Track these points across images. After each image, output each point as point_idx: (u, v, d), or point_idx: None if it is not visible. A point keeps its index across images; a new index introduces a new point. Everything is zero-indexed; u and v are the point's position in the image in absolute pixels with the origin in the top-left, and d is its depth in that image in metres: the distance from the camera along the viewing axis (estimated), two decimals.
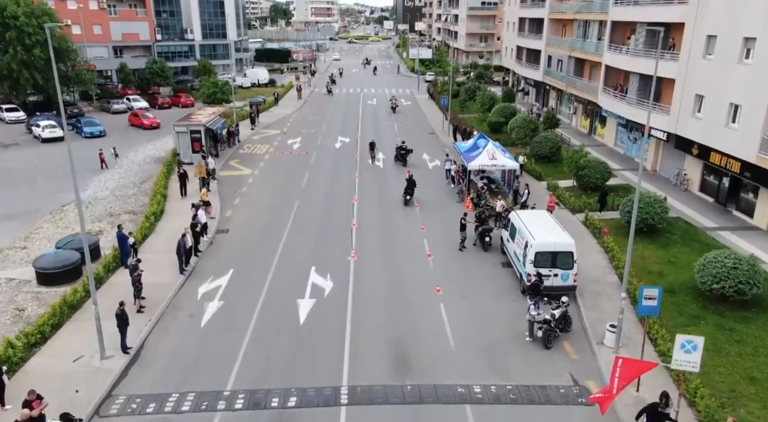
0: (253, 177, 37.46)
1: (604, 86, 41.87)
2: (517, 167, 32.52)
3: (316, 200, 33.02)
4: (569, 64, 50.36)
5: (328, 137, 49.44)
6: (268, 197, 33.38)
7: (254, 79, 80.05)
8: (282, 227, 28.63)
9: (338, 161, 41.61)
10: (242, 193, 34.21)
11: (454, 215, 29.17)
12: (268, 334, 19.31)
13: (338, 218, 29.85)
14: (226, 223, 29.39)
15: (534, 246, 21.07)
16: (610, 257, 24.71)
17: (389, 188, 35.46)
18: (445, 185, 36.03)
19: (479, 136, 35.88)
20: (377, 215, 30.56)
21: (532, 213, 24.79)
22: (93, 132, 48.42)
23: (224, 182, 36.15)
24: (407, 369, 17.48)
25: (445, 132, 50.53)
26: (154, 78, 67.14)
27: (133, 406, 15.71)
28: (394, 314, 20.65)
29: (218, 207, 31.25)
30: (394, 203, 32.57)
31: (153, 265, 23.82)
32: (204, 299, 21.58)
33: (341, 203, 32.34)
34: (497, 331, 19.57)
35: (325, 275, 23.44)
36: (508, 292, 22.40)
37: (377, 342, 18.90)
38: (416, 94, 75.35)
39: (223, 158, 41.68)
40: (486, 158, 32.09)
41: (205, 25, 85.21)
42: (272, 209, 31.32)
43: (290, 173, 38.40)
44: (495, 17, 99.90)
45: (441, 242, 26.85)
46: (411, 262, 24.88)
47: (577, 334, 19.50)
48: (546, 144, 39.00)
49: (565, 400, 16.16)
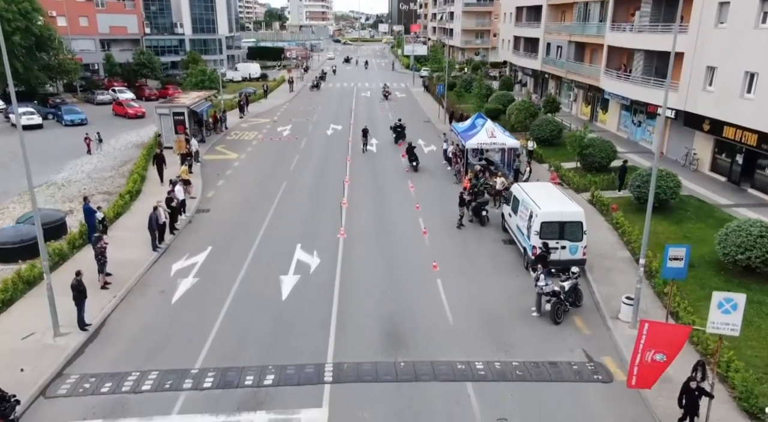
0: (240, 161, 35.54)
1: (606, 68, 40.18)
2: (517, 146, 30.69)
3: (305, 181, 31.12)
4: (569, 49, 48.74)
5: (320, 125, 47.60)
6: (254, 179, 31.46)
7: (245, 73, 78.25)
8: (267, 206, 26.70)
9: (330, 147, 39.76)
10: (227, 175, 32.28)
11: (452, 195, 27.41)
12: (246, 310, 17.33)
13: (327, 198, 27.94)
14: (207, 203, 27.43)
15: (539, 216, 19.19)
16: (619, 233, 22.85)
17: (382, 169, 33.63)
18: (442, 166, 34.21)
19: (477, 116, 34.10)
20: (369, 195, 28.70)
21: (536, 184, 22.97)
22: (74, 120, 46.46)
23: (208, 166, 34.21)
24: (400, 345, 15.54)
25: (441, 120, 48.79)
26: (142, 70, 65.11)
27: (85, 386, 13.70)
28: (386, 289, 18.73)
29: (200, 188, 29.30)
30: (387, 183, 30.74)
31: (124, 242, 21.94)
32: (178, 276, 19.59)
33: (331, 183, 30.44)
34: (500, 306, 17.65)
35: (311, 251, 21.50)
36: (511, 268, 20.50)
37: (367, 317, 16.96)
38: (411, 87, 73.67)
39: (208, 144, 39.77)
40: (485, 136, 30.26)
41: (195, 19, 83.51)
42: (258, 190, 29.40)
43: (279, 157, 36.52)
44: (491, 13, 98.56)
45: (438, 221, 24.99)
46: (405, 239, 22.98)
47: (589, 309, 17.60)
48: (547, 127, 37.22)
49: (579, 377, 14.22)
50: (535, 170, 31.13)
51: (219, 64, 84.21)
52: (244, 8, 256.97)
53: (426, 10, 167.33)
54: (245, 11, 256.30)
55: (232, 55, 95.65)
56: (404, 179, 31.44)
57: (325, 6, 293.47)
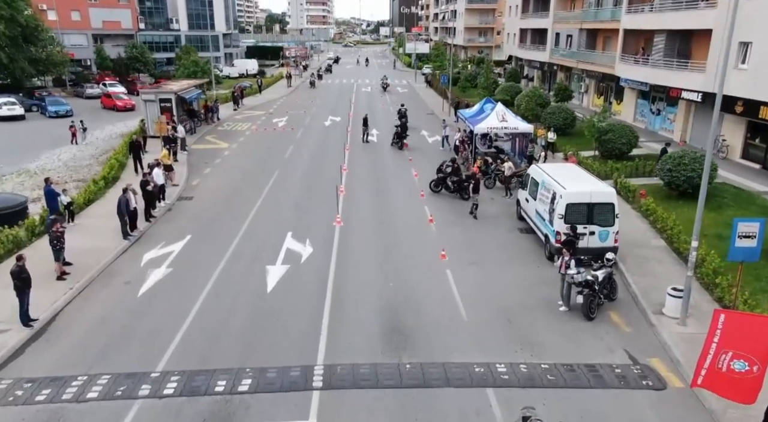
0: (230, 150, 33.05)
1: (622, 54, 37.72)
2: (530, 130, 28.16)
3: (300, 169, 28.63)
4: (580, 38, 46.33)
5: (318, 117, 45.16)
6: (244, 167, 28.95)
7: (242, 69, 75.91)
8: (256, 194, 24.18)
9: (327, 137, 37.27)
10: (215, 164, 29.78)
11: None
12: (224, 304, 14.78)
13: (323, 186, 25.41)
14: (190, 191, 24.94)
15: (565, 196, 16.67)
16: (650, 220, 20.31)
17: (384, 158, 31.17)
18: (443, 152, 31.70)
19: (485, 100, 31.53)
20: (369, 183, 26.19)
21: (558, 165, 20.49)
22: (58, 111, 44.06)
23: (196, 154, 31.74)
24: (406, 343, 12.98)
25: (445, 113, 46.30)
26: (134, 64, 62.66)
27: (17, 393, 11.13)
28: (388, 280, 16.17)
29: (184, 175, 26.80)
30: (389, 171, 28.26)
31: (94, 229, 19.52)
32: (149, 266, 17.04)
33: (328, 172, 27.92)
34: (521, 300, 15.09)
35: (303, 240, 18.96)
36: (531, 258, 17.95)
37: (366, 311, 14.41)
38: (413, 84, 71.31)
39: (198, 134, 37.30)
40: (495, 120, 27.78)
41: (191, 15, 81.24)
42: (247, 178, 26.89)
43: (272, 146, 34.04)
44: (494, 11, 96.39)
45: (445, 209, 22.49)
46: (409, 227, 20.45)
47: (625, 303, 15.04)
48: (560, 115, 34.70)
49: (624, 383, 11.64)
50: (550, 159, 28.60)
51: (216, 61, 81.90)
52: (244, 13, 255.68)
53: (427, 11, 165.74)
54: (246, 16, 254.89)
55: (230, 53, 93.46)
56: (407, 168, 28.95)
57: (326, 10, 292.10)
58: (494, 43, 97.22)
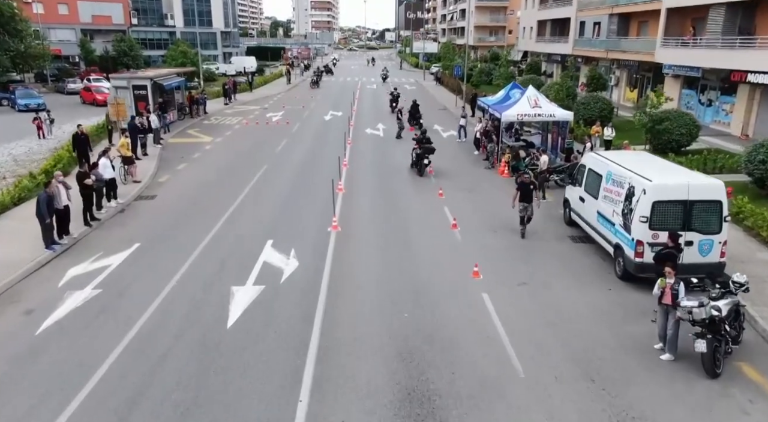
0: (213, 144, 28.38)
1: (664, 38, 32.94)
2: (569, 118, 23.33)
3: (292, 164, 23.93)
4: (610, 24, 41.58)
5: (318, 111, 40.52)
6: (226, 163, 24.27)
7: (240, 66, 71.38)
8: (235, 194, 19.46)
9: (327, 131, 32.57)
10: (192, 158, 25.11)
11: (484, 182, 20.55)
12: (158, 347, 9.97)
13: (318, 184, 20.65)
14: (155, 188, 20.24)
15: (650, 191, 11.86)
16: (745, 226, 15.45)
17: (393, 152, 26.47)
18: (463, 148, 27.04)
19: (512, 85, 26.85)
20: (375, 180, 21.50)
21: (626, 153, 15.72)
22: (28, 105, 39.55)
23: (172, 148, 27.12)
24: (433, 416, 8.12)
25: (458, 108, 41.53)
26: (122, 59, 58.20)
27: None
28: (403, 310, 11.34)
29: (151, 171, 22.14)
30: (399, 168, 23.54)
31: (12, 235, 14.84)
32: (69, 288, 12.27)
33: (325, 167, 23.18)
34: (598, 342, 10.22)
35: (286, 251, 14.18)
36: (595, 276, 13.09)
37: (372, 360, 9.58)
38: (422, 81, 66.70)
39: (179, 127, 32.72)
40: (526, 106, 23.01)
41: (188, 11, 77.17)
42: (228, 175, 22.20)
43: (263, 141, 29.35)
44: (506, 9, 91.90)
45: (471, 212, 17.75)
46: (427, 234, 15.67)
47: (756, 348, 10.17)
48: (595, 106, 29.83)
49: None
50: None
51: (212, 60, 77.70)
52: (249, 19, 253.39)
53: (434, 14, 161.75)
54: (250, 21, 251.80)
55: (230, 52, 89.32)
56: None
57: (331, 16, 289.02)
58: (506, 42, 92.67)
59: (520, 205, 15.44)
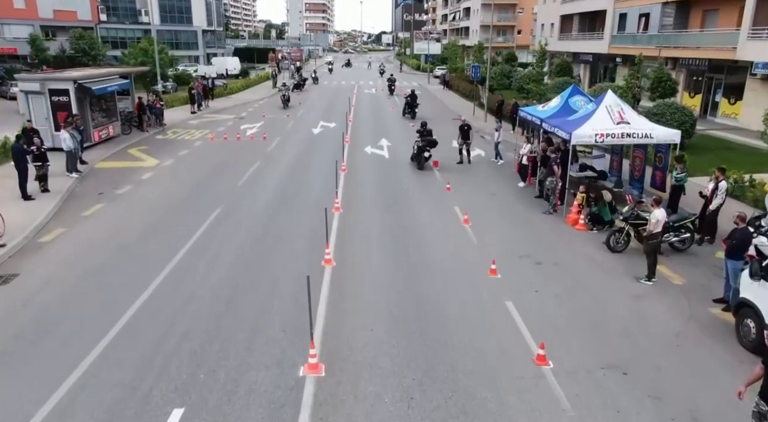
0: (157, 170, 20.62)
1: (752, 28, 25.41)
2: (676, 140, 15.58)
3: (255, 210, 16.13)
4: (663, 16, 34.11)
5: (305, 122, 32.82)
6: (162, 202, 16.51)
7: (221, 69, 63.47)
8: (158, 264, 11.74)
9: (314, 150, 24.86)
10: (116, 195, 17.33)
11: (556, 243, 12.98)
12: None
13: (290, 254, 12.94)
14: (27, 257, 12.44)
15: None
16: None
17: (402, 183, 18.77)
18: (498, 169, 19.42)
19: (571, 90, 19.25)
20: (387, 241, 13.73)
21: None
22: None
23: (96, 178, 19.40)
24: None
25: (479, 117, 34.01)
26: (80, 58, 50.19)
27: None
28: None
29: (39, 219, 14.36)
30: (415, 210, 15.83)
31: None
32: None
33: (305, 216, 15.45)
34: None
35: None
36: None
37: None
38: (427, 85, 59.07)
39: (122, 143, 24.96)
40: (608, 122, 15.37)
41: (164, 7, 69.22)
42: (156, 226, 14.44)
43: (226, 164, 21.63)
44: (515, 6, 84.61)
45: (563, 326, 10.03)
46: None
47: None
48: (672, 117, 22.34)
49: None
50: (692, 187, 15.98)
51: (192, 61, 69.93)
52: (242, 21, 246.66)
53: (434, 15, 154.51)
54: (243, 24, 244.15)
55: (214, 53, 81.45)
56: (446, 200, 16.57)
57: (326, 18, 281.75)
58: (515, 43, 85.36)
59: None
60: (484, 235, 13.97)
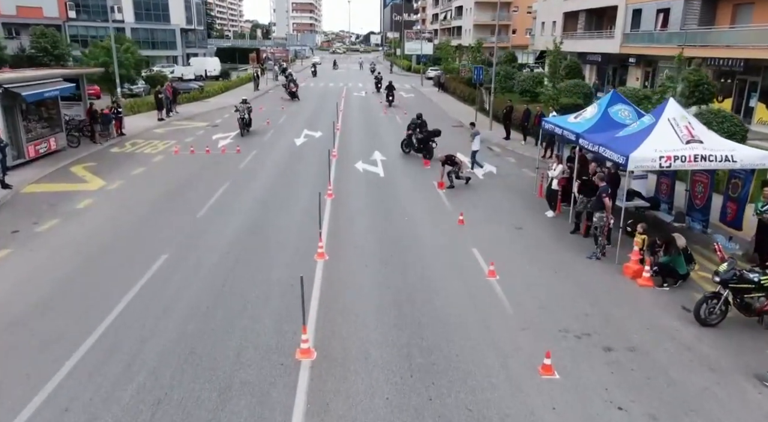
0: (99, 196, 16.66)
1: None
2: (766, 163, 11.96)
3: (217, 252, 12.25)
4: (686, 12, 30.66)
5: (286, 131, 29.00)
6: (90, 247, 12.56)
7: (201, 69, 59.32)
8: (76, 339, 7.89)
9: (295, 166, 21.03)
10: (32, 234, 13.37)
11: (628, 323, 9.24)
12: None
13: (268, 296, 9.17)
14: None
15: None
16: None
17: (401, 208, 14.96)
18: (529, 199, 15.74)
19: (611, 97, 15.51)
20: (388, 300, 9.93)
21: None
22: None
23: (21, 205, 15.49)
24: None
25: (484, 125, 30.18)
26: (42, 58, 45.77)
27: None
28: None
29: None
30: (422, 249, 12.04)
31: None
32: None
33: (279, 260, 11.66)
34: None
35: None
36: None
37: None
38: (420, 87, 55.49)
39: (65, 159, 20.95)
40: (674, 140, 11.73)
41: (139, 4, 65.06)
42: (79, 281, 10.56)
43: (187, 187, 17.73)
44: (510, 5, 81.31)
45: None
46: None
47: None
48: (721, 126, 18.80)
49: None
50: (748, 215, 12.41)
51: (168, 62, 65.74)
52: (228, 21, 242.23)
53: (424, 14, 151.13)
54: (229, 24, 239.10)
55: (195, 53, 77.19)
56: (460, 238, 12.82)
57: (314, 18, 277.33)
58: (510, 43, 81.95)
59: None
60: (519, 296, 10.26)
